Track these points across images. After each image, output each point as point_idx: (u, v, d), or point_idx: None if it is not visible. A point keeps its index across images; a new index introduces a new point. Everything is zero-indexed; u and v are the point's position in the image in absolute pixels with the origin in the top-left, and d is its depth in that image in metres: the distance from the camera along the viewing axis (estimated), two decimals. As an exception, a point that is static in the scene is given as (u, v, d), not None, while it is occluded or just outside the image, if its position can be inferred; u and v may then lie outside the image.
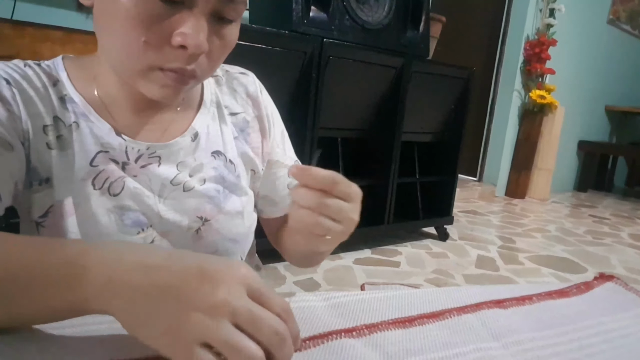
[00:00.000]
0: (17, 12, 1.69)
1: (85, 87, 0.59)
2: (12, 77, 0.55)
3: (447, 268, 2.31)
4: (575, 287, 0.60)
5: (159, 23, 0.49)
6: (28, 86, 0.55)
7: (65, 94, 0.58)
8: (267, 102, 0.73)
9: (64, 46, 1.46)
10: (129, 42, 0.50)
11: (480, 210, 3.67)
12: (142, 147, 0.59)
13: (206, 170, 0.64)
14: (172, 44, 0.50)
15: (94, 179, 0.57)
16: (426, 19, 2.45)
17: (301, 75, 1.99)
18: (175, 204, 0.62)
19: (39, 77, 0.57)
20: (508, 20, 4.08)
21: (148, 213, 0.60)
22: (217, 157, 0.66)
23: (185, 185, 0.62)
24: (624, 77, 5.24)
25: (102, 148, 0.58)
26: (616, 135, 5.50)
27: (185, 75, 0.52)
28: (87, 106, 0.58)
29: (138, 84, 0.53)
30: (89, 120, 0.58)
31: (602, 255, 2.75)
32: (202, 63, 0.53)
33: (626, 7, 4.88)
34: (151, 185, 0.60)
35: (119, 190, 0.58)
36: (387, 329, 0.46)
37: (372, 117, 2.36)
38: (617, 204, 4.56)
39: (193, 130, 0.64)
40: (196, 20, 0.49)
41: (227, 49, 0.55)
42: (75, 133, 0.57)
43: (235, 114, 0.70)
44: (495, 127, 4.23)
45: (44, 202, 0.56)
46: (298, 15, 1.97)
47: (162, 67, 0.51)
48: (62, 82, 0.58)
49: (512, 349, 0.45)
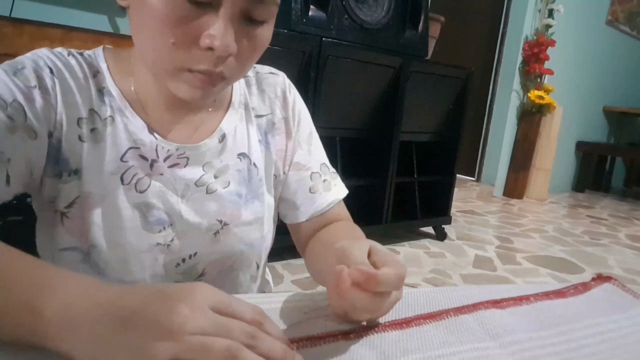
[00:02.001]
0: (15, 9, 1.69)
1: (123, 80, 0.59)
2: (56, 65, 0.55)
3: (444, 268, 2.32)
4: (573, 288, 0.60)
5: (186, 24, 0.49)
6: (69, 76, 0.56)
7: (104, 87, 0.58)
8: (296, 102, 0.73)
9: (62, 44, 1.44)
10: (158, 43, 0.50)
11: (478, 210, 3.68)
12: (171, 148, 0.60)
13: (231, 172, 0.65)
14: (200, 46, 0.49)
15: (123, 174, 0.58)
16: (425, 19, 2.45)
17: (300, 75, 2.00)
18: (197, 206, 0.62)
19: (82, 67, 0.58)
20: (507, 20, 4.09)
21: (170, 212, 0.60)
22: (243, 159, 0.66)
23: (209, 187, 0.63)
24: (622, 77, 5.24)
25: (134, 144, 0.58)
26: (614, 136, 5.51)
27: (214, 77, 0.52)
28: (124, 101, 0.59)
29: (168, 83, 0.54)
30: (124, 115, 0.58)
31: (599, 256, 2.76)
32: (230, 65, 0.52)
33: (624, 8, 4.88)
34: (175, 185, 0.61)
35: (145, 187, 0.59)
36: (384, 330, 0.46)
37: (371, 117, 2.36)
38: (614, 204, 4.57)
39: (221, 132, 0.64)
40: (223, 22, 0.49)
41: (258, 51, 0.55)
42: (109, 127, 0.58)
43: (261, 117, 0.69)
44: (493, 127, 4.24)
45: (71, 193, 0.57)
46: (297, 14, 1.97)
47: (191, 68, 0.51)
48: (102, 73, 0.59)
49: (509, 348, 0.45)
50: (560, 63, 4.19)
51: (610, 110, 5.20)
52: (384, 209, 2.45)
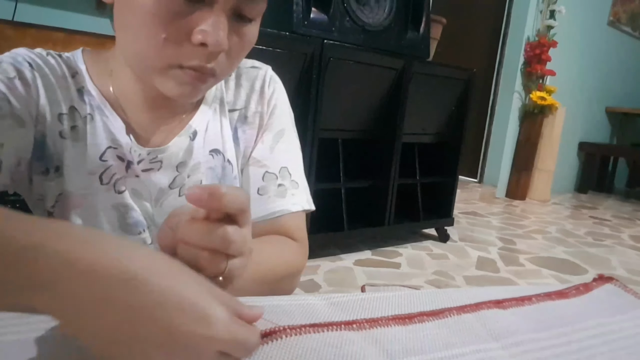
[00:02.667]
0: (18, 13, 1.70)
1: (102, 81, 0.59)
2: (36, 62, 0.55)
3: (447, 269, 2.31)
4: (575, 289, 0.60)
5: (179, 20, 0.49)
6: (50, 72, 0.56)
7: (83, 86, 0.58)
8: (273, 96, 0.69)
9: (65, 48, 1.45)
10: (149, 39, 0.50)
11: (481, 211, 3.67)
12: (143, 152, 0.59)
13: (203, 171, 0.63)
14: (192, 42, 0.49)
15: (102, 174, 0.58)
16: (427, 21, 2.45)
17: (302, 77, 2.00)
18: (170, 209, 0.60)
19: (60, 66, 0.58)
20: (508, 21, 4.08)
21: (145, 216, 0.60)
22: (216, 155, 0.65)
23: (182, 189, 0.62)
24: (624, 78, 5.23)
25: (112, 144, 0.58)
26: (617, 137, 5.50)
27: (205, 74, 0.52)
28: (103, 100, 0.58)
29: (156, 81, 0.53)
30: (103, 114, 0.58)
31: (602, 257, 2.75)
32: (221, 61, 0.52)
33: (626, 8, 4.88)
34: (150, 189, 0.60)
35: (123, 188, 0.59)
36: (387, 325, 0.46)
37: (373, 119, 2.36)
38: (617, 205, 4.56)
39: (191, 129, 0.63)
40: (217, 18, 0.49)
41: (246, 48, 0.55)
42: (89, 125, 0.57)
43: (234, 111, 0.67)
44: (495, 128, 4.23)
45: (54, 190, 0.56)
46: (298, 16, 1.97)
47: (182, 64, 0.51)
48: (81, 74, 0.59)
49: (512, 350, 0.45)
50: (562, 64, 4.18)
51: (612, 110, 5.19)
52: (387, 210, 2.45)
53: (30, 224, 0.30)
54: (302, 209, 0.67)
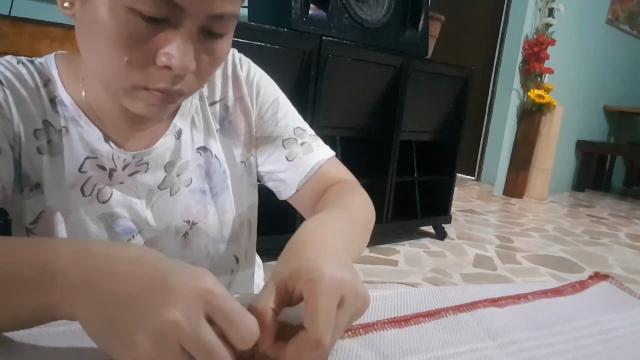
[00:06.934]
0: (15, 8, 1.69)
1: (76, 88, 0.57)
2: (5, 76, 0.52)
3: (445, 267, 2.32)
4: (570, 286, 0.61)
5: (142, 43, 0.45)
6: (21, 86, 0.53)
7: (56, 96, 0.56)
8: (249, 75, 0.67)
9: (63, 43, 1.45)
10: (111, 62, 0.47)
11: (478, 209, 3.68)
12: (127, 157, 0.58)
13: (192, 169, 0.63)
14: (156, 64, 0.47)
15: (83, 186, 0.56)
16: (425, 18, 2.44)
17: (300, 74, 2.00)
18: (162, 210, 0.60)
19: (32, 75, 0.55)
20: (507, 19, 4.08)
21: (136, 220, 0.59)
22: (203, 152, 0.64)
23: (172, 188, 0.61)
24: (622, 77, 5.24)
25: (91, 154, 0.56)
26: (614, 135, 5.51)
27: (171, 95, 0.50)
28: (77, 110, 0.56)
29: (123, 100, 0.51)
30: (78, 125, 0.56)
31: (599, 255, 2.76)
32: (189, 81, 0.50)
33: (625, 7, 4.88)
34: (138, 192, 0.59)
35: (107, 197, 0.57)
36: (383, 328, 0.46)
37: (371, 116, 2.36)
38: (615, 204, 4.57)
39: (175, 128, 0.62)
40: (182, 41, 0.46)
41: (217, 64, 0.52)
42: (65, 138, 0.55)
43: (215, 103, 0.66)
44: (493, 126, 4.24)
45: (35, 208, 0.55)
46: (297, 13, 1.97)
47: (147, 87, 0.48)
48: (54, 82, 0.56)
49: (508, 348, 0.45)
50: (561, 62, 4.18)
51: (610, 109, 5.20)
52: (384, 208, 2.45)
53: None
54: (334, 153, 0.69)
